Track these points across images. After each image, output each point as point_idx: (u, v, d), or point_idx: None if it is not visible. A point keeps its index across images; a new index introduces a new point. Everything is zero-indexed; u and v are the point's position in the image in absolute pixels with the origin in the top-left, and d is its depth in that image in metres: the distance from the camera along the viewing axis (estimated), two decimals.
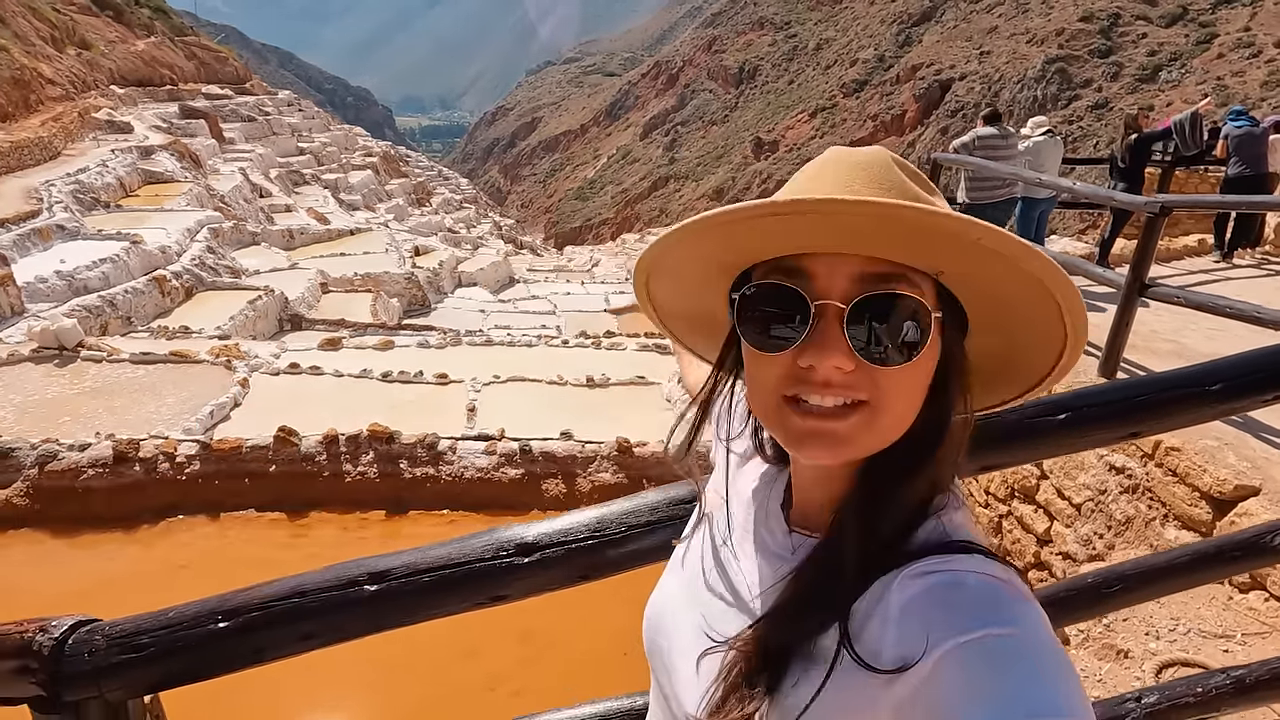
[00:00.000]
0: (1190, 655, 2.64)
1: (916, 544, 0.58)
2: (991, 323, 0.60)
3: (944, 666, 0.48)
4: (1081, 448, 1.13)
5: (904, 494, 0.59)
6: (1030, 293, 0.55)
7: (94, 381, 9.40)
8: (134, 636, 0.90)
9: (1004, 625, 0.49)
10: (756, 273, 0.60)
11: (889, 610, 0.54)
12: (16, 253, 13.44)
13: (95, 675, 0.89)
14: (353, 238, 22.35)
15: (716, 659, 0.61)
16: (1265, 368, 1.13)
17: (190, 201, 19.90)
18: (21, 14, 29.66)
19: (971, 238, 0.51)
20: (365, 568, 0.95)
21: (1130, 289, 3.97)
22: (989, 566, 0.54)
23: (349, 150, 39.47)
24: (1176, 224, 10.63)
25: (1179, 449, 3.32)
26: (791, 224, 0.53)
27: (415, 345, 11.93)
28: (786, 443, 0.59)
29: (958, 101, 55.92)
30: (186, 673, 0.93)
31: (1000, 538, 4.42)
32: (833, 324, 0.54)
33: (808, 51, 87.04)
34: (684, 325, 0.75)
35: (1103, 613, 1.39)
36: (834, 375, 0.55)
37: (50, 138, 20.95)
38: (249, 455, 7.34)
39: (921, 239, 0.52)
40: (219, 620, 0.91)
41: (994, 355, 0.63)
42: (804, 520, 0.67)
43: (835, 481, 0.62)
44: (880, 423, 0.56)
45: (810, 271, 0.56)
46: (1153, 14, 51.49)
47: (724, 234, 0.57)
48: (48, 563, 6.52)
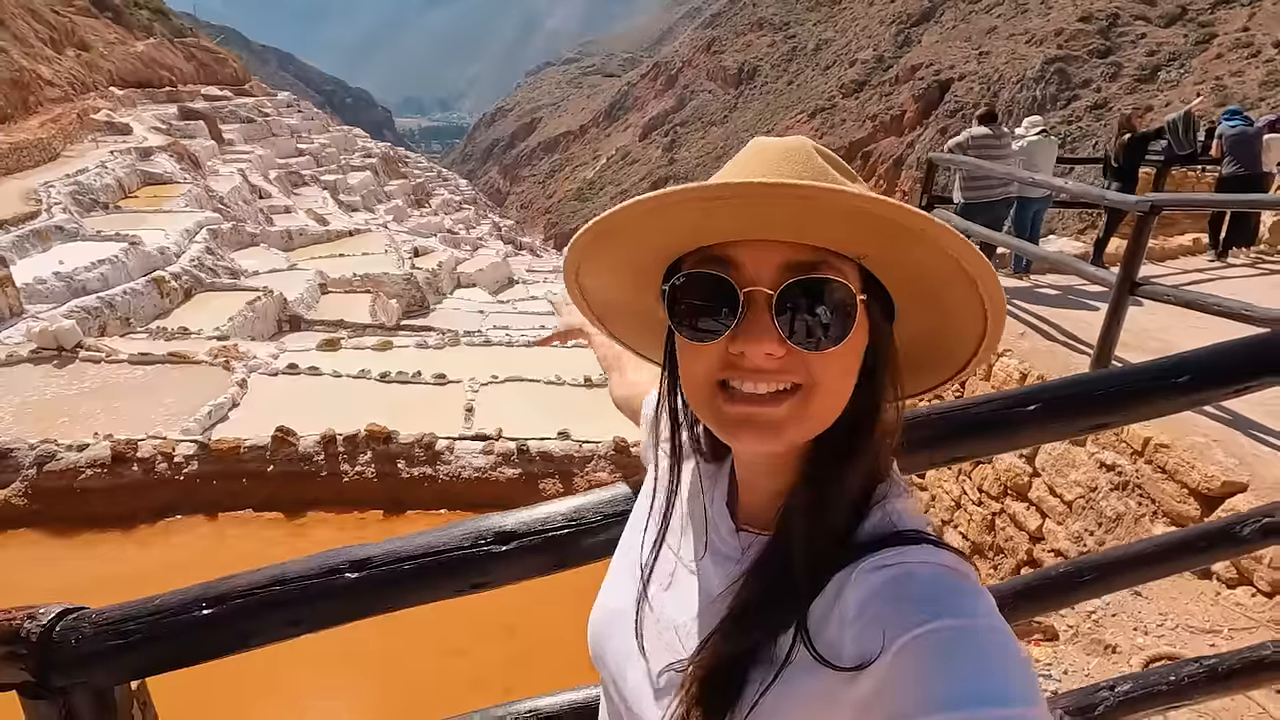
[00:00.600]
0: (1177, 650, 2.67)
1: (865, 535, 0.59)
2: (915, 306, 0.61)
3: (900, 660, 0.48)
4: (1051, 438, 1.15)
5: (846, 481, 0.59)
6: (949, 273, 0.56)
7: (93, 382, 9.41)
8: (121, 623, 0.93)
9: (956, 616, 0.49)
10: (686, 264, 0.60)
11: (846, 608, 0.54)
12: (15, 254, 13.46)
13: (82, 661, 0.91)
14: (352, 239, 22.39)
15: (676, 676, 0.60)
16: (1230, 360, 1.16)
17: (189, 203, 19.92)
18: (21, 16, 29.67)
19: (888, 217, 0.52)
20: (347, 556, 0.97)
21: (1121, 287, 4.00)
22: (939, 556, 0.55)
23: (348, 151, 39.49)
24: (1173, 224, 10.64)
25: (1168, 446, 3.34)
26: (717, 211, 0.54)
27: (414, 346, 11.95)
28: (721, 431, 0.59)
29: (957, 102, 55.92)
30: (172, 659, 0.95)
31: (993, 535, 4.44)
32: (761, 311, 0.55)
33: (807, 52, 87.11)
34: (626, 323, 0.75)
35: (1074, 602, 1.41)
36: (765, 362, 0.55)
37: (49, 139, 20.97)
38: (247, 455, 7.36)
39: (842, 221, 0.53)
40: (203, 607, 0.93)
41: (920, 339, 0.64)
42: (751, 517, 0.66)
43: (778, 474, 0.63)
44: (812, 407, 0.57)
45: (738, 260, 0.56)
46: (1151, 14, 51.49)
47: (651, 223, 0.57)
48: (45, 562, 6.54)
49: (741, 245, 0.57)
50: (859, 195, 0.51)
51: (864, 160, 63.20)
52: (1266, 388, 1.20)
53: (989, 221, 6.13)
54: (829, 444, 0.60)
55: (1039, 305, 5.58)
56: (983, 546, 4.54)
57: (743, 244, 0.57)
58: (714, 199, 0.52)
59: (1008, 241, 6.04)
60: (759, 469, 0.65)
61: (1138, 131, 7.02)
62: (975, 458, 1.00)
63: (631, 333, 0.76)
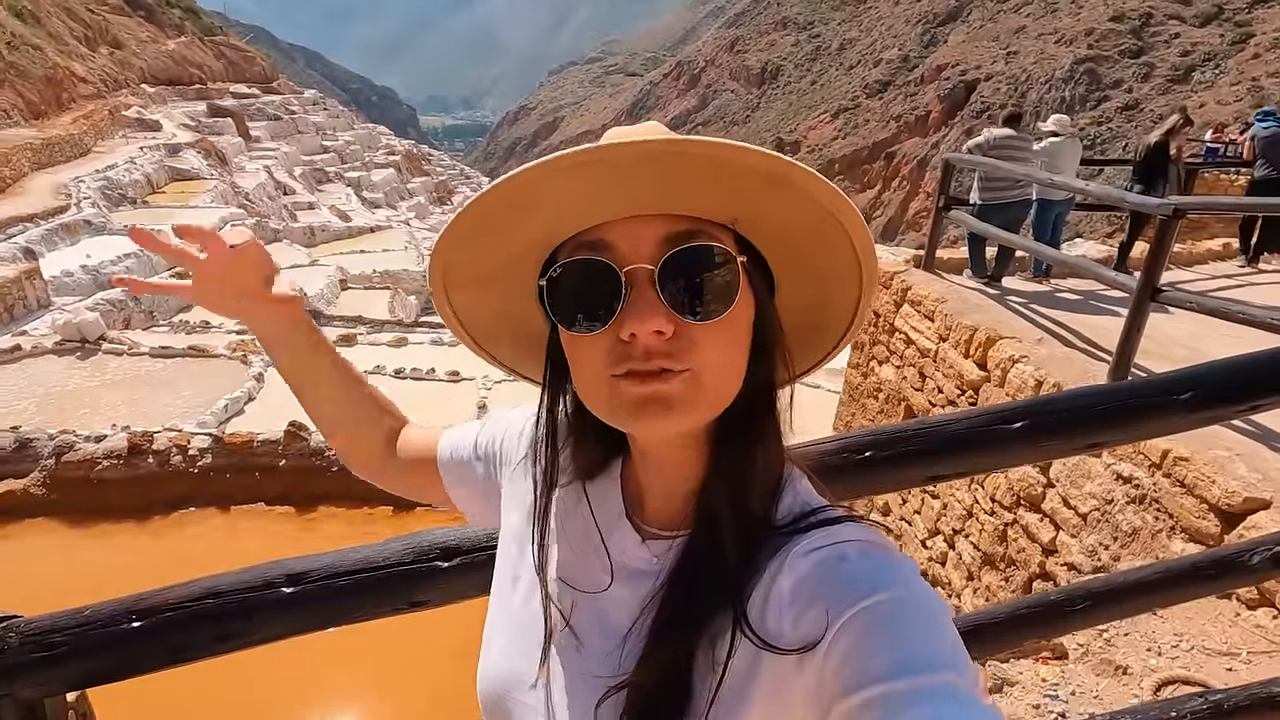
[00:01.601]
0: (1191, 673, 2.56)
1: (785, 517, 0.59)
2: (792, 274, 0.61)
3: (844, 636, 0.49)
4: (1039, 459, 1.08)
5: (758, 463, 0.59)
6: (820, 226, 0.56)
7: (114, 374, 9.59)
8: (47, 635, 0.89)
9: (889, 589, 0.51)
10: (560, 256, 0.58)
11: (782, 594, 0.54)
12: (45, 247, 13.75)
13: (7, 674, 0.88)
14: (373, 235, 22.59)
15: (615, 703, 0.57)
16: (1238, 376, 1.07)
17: (215, 198, 20.24)
18: (56, 14, 30.37)
19: (749, 164, 0.51)
20: (283, 569, 0.93)
21: (1142, 293, 3.86)
22: (864, 533, 0.56)
23: (372, 149, 39.89)
24: (1203, 228, 10.35)
25: (1188, 459, 3.22)
26: (581, 189, 0.53)
27: (429, 342, 12.02)
28: (625, 419, 0.56)
29: (983, 102, 55.11)
30: (101, 673, 0.92)
31: (1005, 546, 4.32)
32: (645, 288, 0.54)
33: (831, 52, 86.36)
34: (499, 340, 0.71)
35: (1065, 632, 1.33)
36: (655, 342, 0.53)
37: (81, 135, 21.40)
38: (260, 449, 7.44)
39: (712, 180, 0.52)
40: (132, 620, 0.90)
41: (801, 314, 0.64)
42: (660, 523, 0.63)
43: (685, 468, 0.61)
44: (705, 383, 0.55)
45: (612, 242, 0.55)
46: (1186, 13, 50.33)
47: (515, 206, 0.55)
48: (62, 551, 6.65)
49: (614, 227, 0.55)
50: (727, 144, 0.50)
51: (887, 160, 62.59)
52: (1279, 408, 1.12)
53: (1005, 223, 5.98)
54: (732, 428, 0.59)
55: (1058, 310, 5.43)
56: (994, 557, 4.42)
57: (615, 226, 0.55)
58: (580, 164, 0.51)
59: (1026, 245, 5.89)
60: (665, 465, 0.62)
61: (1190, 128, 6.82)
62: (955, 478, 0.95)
63: (511, 353, 0.72)
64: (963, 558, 4.72)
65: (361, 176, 33.08)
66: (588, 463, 0.69)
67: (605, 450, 0.68)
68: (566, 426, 0.68)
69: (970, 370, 4.88)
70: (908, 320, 5.79)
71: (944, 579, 4.96)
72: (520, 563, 0.70)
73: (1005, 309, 5.44)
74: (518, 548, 0.71)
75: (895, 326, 5.99)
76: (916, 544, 5.28)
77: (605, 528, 0.65)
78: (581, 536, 0.66)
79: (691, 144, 0.50)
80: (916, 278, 6.01)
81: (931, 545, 5.13)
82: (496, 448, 0.78)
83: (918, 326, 5.63)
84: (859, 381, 6.68)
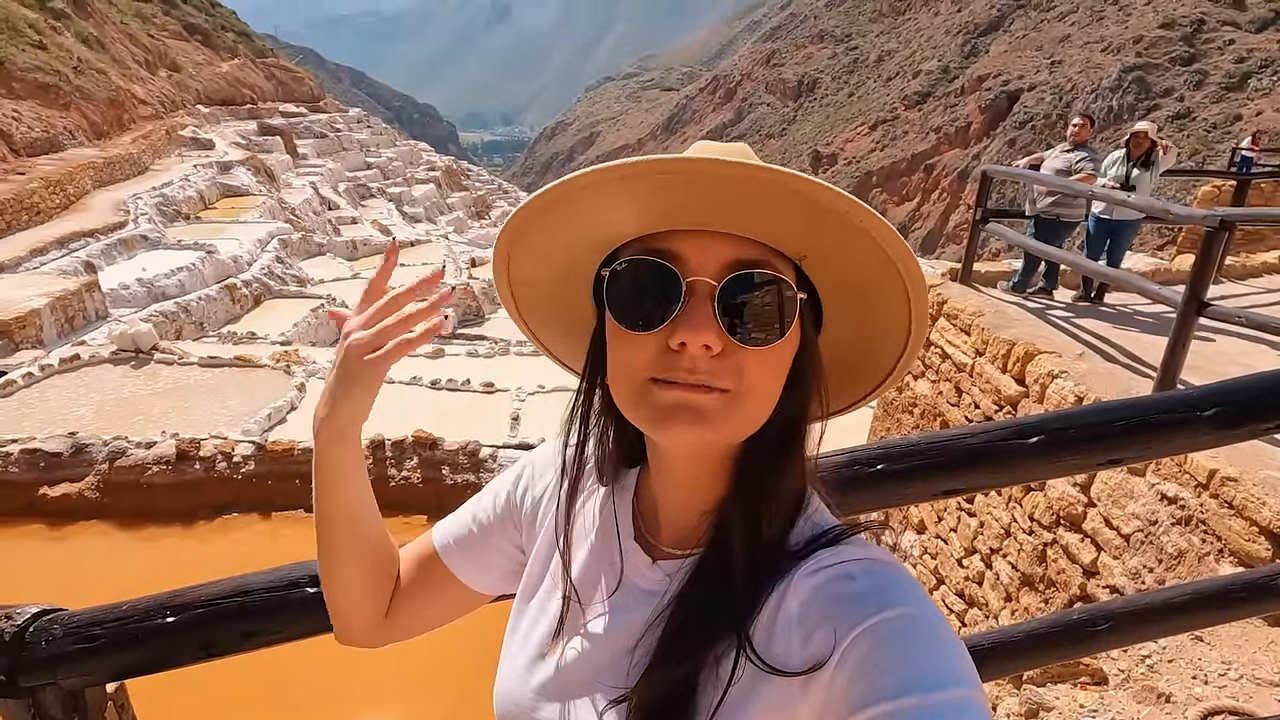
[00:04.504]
0: (1240, 704, 2.45)
1: (799, 539, 0.59)
2: (842, 313, 0.62)
3: (851, 654, 0.50)
4: (1057, 474, 1.06)
5: (780, 489, 0.60)
6: (881, 278, 0.57)
7: (165, 383, 9.94)
8: (89, 627, 0.95)
9: (896, 607, 0.51)
10: (624, 253, 0.59)
11: (789, 615, 0.55)
12: (103, 261, 14.39)
13: (50, 664, 0.94)
14: (412, 249, 23.06)
15: (620, 714, 0.59)
16: (1269, 392, 1.05)
17: (263, 214, 20.92)
18: (120, 40, 31.88)
19: (839, 209, 0.52)
20: (307, 570, 0.97)
21: (1187, 307, 3.74)
22: (870, 552, 0.57)
23: (413, 165, 40.81)
24: (1260, 240, 9.97)
25: (1236, 479, 3.10)
26: (667, 189, 0.53)
27: (465, 354, 12.19)
28: (652, 423, 0.57)
29: (1026, 113, 54.07)
30: (137, 665, 0.97)
31: (1044, 567, 4.20)
32: (704, 301, 0.55)
33: (869, 64, 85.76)
34: (548, 323, 0.71)
35: (1086, 654, 1.29)
36: (701, 356, 0.54)
37: (140, 154, 22.37)
38: (301, 457, 7.62)
39: (787, 211, 0.53)
40: (167, 615, 0.95)
41: (841, 351, 0.64)
42: (674, 541, 0.64)
43: (706, 487, 0.61)
44: (742, 406, 0.56)
45: (680, 253, 0.56)
46: (1241, 19, 48.79)
47: (596, 199, 0.56)
48: (113, 553, 6.91)
49: (684, 238, 0.56)
50: (812, 180, 0.51)
51: (926, 173, 61.72)
52: None
53: (1055, 238, 5.89)
54: (758, 453, 0.59)
55: (1101, 324, 5.28)
56: (1033, 578, 4.29)
57: (685, 237, 0.56)
58: (667, 173, 0.52)
59: (1066, 258, 5.74)
60: (683, 481, 0.63)
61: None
62: (969, 492, 0.94)
63: (553, 333, 0.72)
64: (1000, 578, 4.60)
65: (403, 192, 33.85)
66: (609, 467, 0.69)
67: (624, 458, 0.69)
68: (596, 417, 0.68)
69: (1008, 385, 4.78)
70: (944, 334, 5.69)
71: (981, 599, 4.83)
72: (541, 580, 0.71)
73: (1045, 323, 5.31)
74: (540, 567, 0.72)
75: (931, 340, 5.89)
76: (953, 563, 5.16)
77: (620, 548, 0.66)
78: (599, 549, 0.68)
79: (784, 177, 0.51)
80: (953, 291, 5.91)
81: (968, 564, 5.00)
82: (517, 488, 0.76)
83: (954, 340, 5.53)
84: (893, 396, 6.58)
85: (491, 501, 0.77)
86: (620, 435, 0.68)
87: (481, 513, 0.77)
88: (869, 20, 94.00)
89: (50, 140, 20.09)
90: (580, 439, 0.68)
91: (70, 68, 23.60)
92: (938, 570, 5.34)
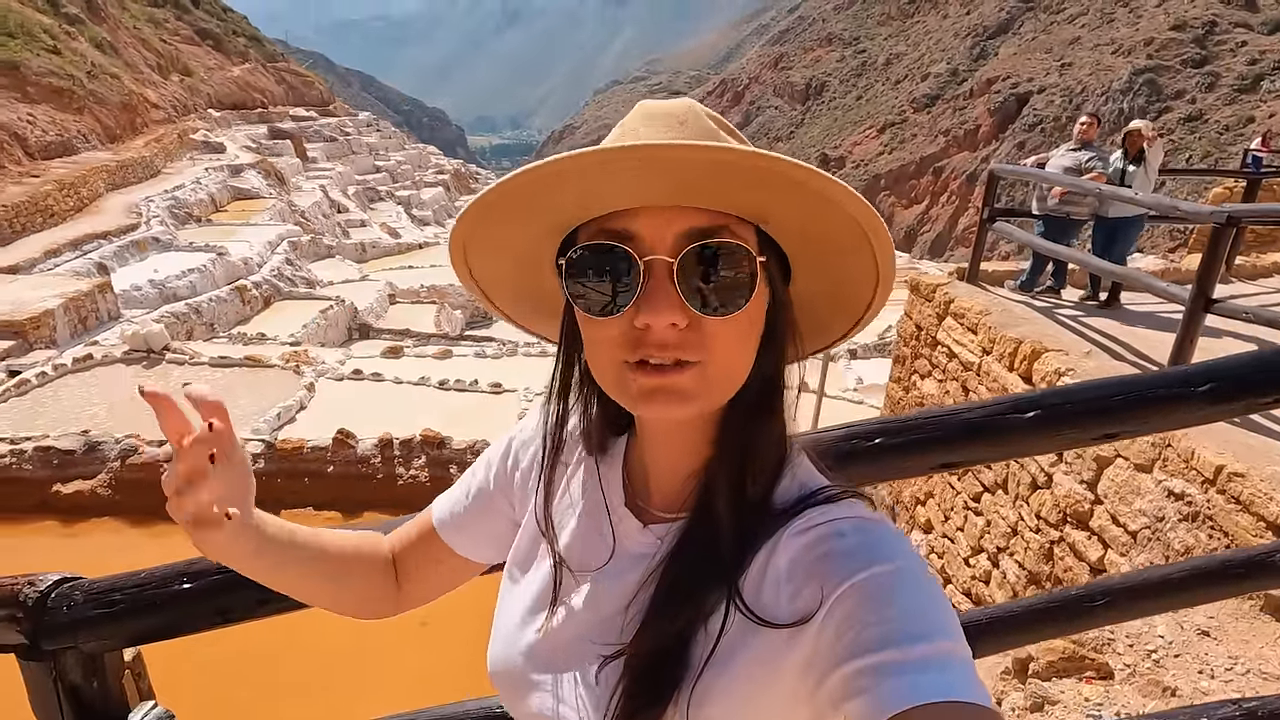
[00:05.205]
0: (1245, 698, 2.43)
1: (784, 499, 0.60)
2: (810, 269, 0.61)
3: (836, 609, 0.51)
4: (1054, 448, 1.08)
5: (762, 447, 0.60)
6: (846, 234, 0.56)
7: (177, 383, 10.02)
8: (108, 593, 0.98)
9: (885, 562, 0.52)
10: (581, 236, 0.58)
11: (778, 571, 0.56)
12: (116, 262, 14.55)
13: (72, 627, 0.97)
14: (421, 251, 23.20)
15: (613, 670, 0.59)
16: (1264, 368, 1.06)
17: (273, 216, 21.08)
18: (133, 45, 32.23)
19: (798, 179, 0.51)
20: None
21: (1194, 304, 3.73)
22: (859, 510, 0.57)
23: (422, 168, 41.04)
24: (1272, 241, 9.91)
25: (1243, 475, 3.09)
26: (615, 177, 0.52)
27: (473, 355, 12.25)
28: (632, 403, 0.57)
29: (1035, 115, 53.81)
30: (155, 631, 1.00)
31: (1051, 565, 4.19)
32: (663, 279, 0.54)
33: (877, 66, 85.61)
34: (518, 303, 0.70)
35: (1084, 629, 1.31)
36: (669, 334, 0.54)
37: (152, 157, 22.60)
38: (309, 455, 7.69)
39: (748, 184, 0.52)
40: (184, 581, 0.97)
41: (815, 297, 0.63)
42: (662, 505, 0.65)
43: (691, 451, 0.62)
44: (714, 376, 0.56)
45: (635, 232, 0.55)
46: (1253, 20, 48.44)
47: (542, 193, 0.55)
48: (123, 550, 6.97)
49: (637, 215, 0.55)
50: (775, 157, 0.49)
51: (935, 175, 61.51)
52: None
53: (1063, 237, 5.89)
54: (739, 412, 0.60)
55: (1109, 322, 5.27)
56: (1040, 576, 4.28)
57: (638, 214, 0.55)
58: (615, 163, 0.50)
59: (1074, 256, 5.72)
60: (671, 446, 0.63)
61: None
62: (967, 465, 0.95)
63: (523, 311, 0.72)
64: (1007, 576, 4.59)
65: (412, 195, 34.06)
66: (596, 436, 0.70)
67: (610, 426, 0.70)
68: (577, 388, 0.67)
69: (1015, 384, 4.77)
70: (950, 333, 5.69)
71: (988, 598, 4.82)
72: (534, 548, 0.72)
73: (1052, 321, 5.31)
74: (531, 534, 0.72)
75: (938, 340, 5.88)
76: (959, 562, 5.15)
77: (611, 512, 0.67)
78: (590, 517, 0.68)
79: (735, 154, 0.49)
80: (960, 290, 5.90)
81: (975, 564, 4.99)
82: (506, 460, 0.78)
83: (961, 340, 5.53)
84: (900, 396, 6.58)
85: (485, 474, 0.78)
86: (605, 404, 0.67)
87: (475, 486, 0.78)
88: (877, 23, 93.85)
89: (64, 144, 20.33)
90: (560, 413, 0.68)
91: (84, 72, 23.88)
92: (944, 569, 5.33)
